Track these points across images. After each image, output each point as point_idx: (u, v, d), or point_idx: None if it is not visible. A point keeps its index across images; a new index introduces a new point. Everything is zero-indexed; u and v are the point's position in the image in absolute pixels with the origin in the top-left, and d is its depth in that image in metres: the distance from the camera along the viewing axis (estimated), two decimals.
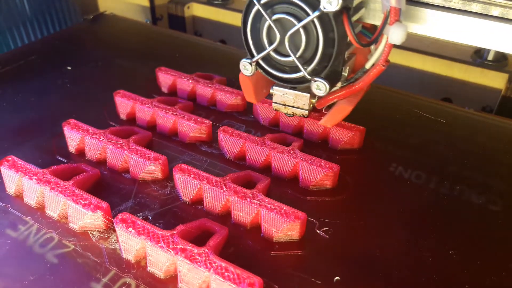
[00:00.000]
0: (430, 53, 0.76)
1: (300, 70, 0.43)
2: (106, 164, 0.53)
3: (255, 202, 0.45)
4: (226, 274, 0.38)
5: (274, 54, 0.43)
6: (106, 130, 0.54)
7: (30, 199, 0.48)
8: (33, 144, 0.56)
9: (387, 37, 0.41)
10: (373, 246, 0.44)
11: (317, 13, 0.39)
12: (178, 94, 0.65)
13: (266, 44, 0.43)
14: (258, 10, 0.42)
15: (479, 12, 0.40)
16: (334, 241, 0.44)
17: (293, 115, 0.47)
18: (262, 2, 0.41)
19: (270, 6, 0.41)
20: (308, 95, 0.45)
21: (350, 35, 0.40)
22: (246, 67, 0.45)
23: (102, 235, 0.44)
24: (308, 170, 0.49)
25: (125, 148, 0.51)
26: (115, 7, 0.99)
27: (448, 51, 0.77)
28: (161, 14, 1.00)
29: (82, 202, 0.44)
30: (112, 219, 0.44)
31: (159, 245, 0.40)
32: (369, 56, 0.45)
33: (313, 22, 0.40)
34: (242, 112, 0.62)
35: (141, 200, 0.48)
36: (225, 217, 0.47)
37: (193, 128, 0.56)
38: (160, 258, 0.40)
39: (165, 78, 0.66)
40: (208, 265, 0.39)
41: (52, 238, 0.44)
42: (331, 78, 0.43)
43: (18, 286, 0.40)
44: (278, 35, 0.42)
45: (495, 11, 0.39)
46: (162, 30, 0.90)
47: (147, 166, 0.50)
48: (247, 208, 0.45)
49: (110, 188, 0.50)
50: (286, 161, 0.50)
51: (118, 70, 0.73)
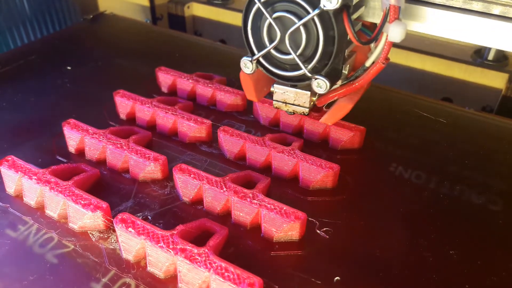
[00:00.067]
0: (430, 53, 0.76)
1: (300, 68, 0.43)
2: (106, 164, 0.53)
3: (255, 202, 0.44)
4: (226, 274, 0.38)
5: (274, 52, 0.44)
6: (106, 130, 0.54)
7: (30, 199, 0.48)
8: (32, 144, 0.56)
9: (387, 35, 0.41)
10: (373, 246, 0.44)
11: (317, 11, 0.39)
12: (178, 94, 0.65)
13: (267, 42, 0.43)
14: (259, 9, 0.42)
15: (480, 10, 0.40)
16: (334, 241, 0.44)
17: (293, 113, 0.47)
18: (263, 0, 0.41)
19: (270, 4, 0.41)
20: (308, 93, 0.45)
21: (350, 33, 0.40)
22: (246, 65, 0.45)
23: (102, 235, 0.44)
24: (308, 170, 0.49)
25: (125, 148, 0.51)
26: (115, 7, 0.99)
27: (448, 51, 0.77)
28: (161, 14, 1.00)
29: (82, 202, 0.44)
30: (111, 219, 0.44)
31: (159, 245, 0.40)
32: (369, 54, 0.45)
33: (313, 20, 0.40)
34: (242, 112, 0.62)
35: (141, 200, 0.48)
36: (225, 217, 0.47)
37: (193, 128, 0.56)
38: (160, 258, 0.40)
39: (165, 78, 0.66)
40: (208, 265, 0.39)
41: (51, 238, 0.44)
42: (332, 76, 0.43)
43: (17, 286, 0.40)
44: (279, 33, 0.42)
45: (496, 10, 0.39)
46: (162, 30, 0.90)
47: (147, 166, 0.50)
48: (247, 208, 0.45)
49: (110, 188, 0.50)
50: (286, 161, 0.50)
51: (118, 70, 0.73)
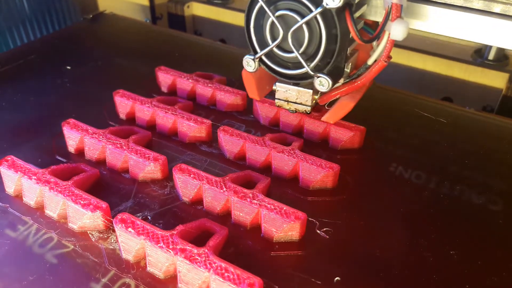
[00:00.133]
0: (430, 52, 0.76)
1: (303, 66, 0.43)
2: (106, 164, 0.53)
3: (255, 202, 0.44)
4: (226, 274, 0.38)
5: (277, 50, 0.44)
6: (106, 129, 0.54)
7: (30, 199, 0.48)
8: (32, 144, 0.56)
9: (389, 33, 0.41)
10: (373, 246, 0.44)
11: (320, 9, 0.39)
12: (177, 93, 0.65)
13: (269, 40, 0.43)
14: (261, 7, 0.42)
15: (481, 9, 0.40)
16: (334, 241, 0.44)
17: (295, 111, 0.47)
18: None
19: (273, 3, 0.41)
20: (311, 91, 0.45)
21: (353, 32, 0.40)
22: (249, 64, 0.45)
23: (101, 235, 0.44)
24: (308, 170, 0.49)
25: (124, 148, 0.51)
26: (115, 6, 0.99)
27: (448, 51, 0.77)
28: (161, 13, 1.00)
29: (82, 202, 0.44)
30: (111, 219, 0.44)
31: (159, 245, 0.40)
32: (371, 52, 0.45)
33: (316, 18, 0.40)
34: (242, 111, 0.62)
35: (140, 200, 0.48)
36: (225, 217, 0.47)
37: (193, 128, 0.56)
38: (159, 258, 0.40)
39: (164, 77, 0.66)
40: (208, 265, 0.39)
41: (51, 238, 0.44)
42: (334, 74, 0.43)
43: (17, 286, 0.40)
44: (281, 32, 0.42)
45: (497, 8, 0.39)
46: (162, 30, 0.90)
47: (147, 166, 0.50)
48: (247, 208, 0.45)
49: (110, 188, 0.50)
50: (286, 161, 0.50)
51: (118, 69, 0.73)
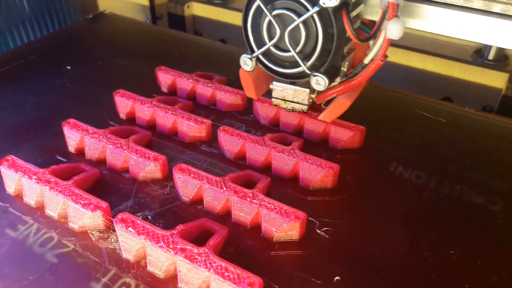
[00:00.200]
0: (430, 52, 0.76)
1: (299, 65, 0.43)
2: (106, 163, 0.53)
3: (255, 202, 0.44)
4: (226, 274, 0.38)
5: (274, 49, 0.44)
6: (106, 129, 0.54)
7: (30, 199, 0.48)
8: (32, 143, 0.56)
9: (385, 32, 0.41)
10: (373, 246, 0.44)
11: (316, 8, 0.39)
12: (178, 93, 0.65)
13: (266, 39, 0.43)
14: (259, 6, 0.42)
15: (481, 8, 0.40)
16: (334, 241, 0.44)
17: (292, 110, 0.47)
18: None
19: (270, 2, 0.42)
20: (307, 90, 0.46)
21: (349, 31, 0.40)
22: (246, 62, 0.45)
23: (101, 235, 0.44)
24: (308, 169, 0.49)
25: (124, 147, 0.51)
26: (115, 6, 0.99)
27: (448, 51, 0.77)
28: (161, 13, 1.00)
29: (82, 201, 0.44)
30: (111, 219, 0.44)
31: (159, 245, 0.40)
32: (368, 51, 0.45)
33: (312, 17, 0.40)
34: (242, 111, 0.62)
35: (141, 199, 0.48)
36: (225, 217, 0.47)
37: (193, 127, 0.56)
38: (160, 258, 0.40)
39: (165, 77, 0.66)
40: (208, 265, 0.39)
41: (51, 238, 0.44)
42: (330, 73, 0.43)
43: (17, 286, 0.40)
44: (278, 31, 0.42)
45: (497, 8, 0.39)
46: (162, 30, 0.90)
47: (147, 166, 0.50)
48: (247, 208, 0.45)
49: (110, 187, 0.50)
50: (286, 160, 0.50)
51: (118, 69, 0.73)
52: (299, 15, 0.40)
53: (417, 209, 0.48)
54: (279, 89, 0.46)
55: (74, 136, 0.54)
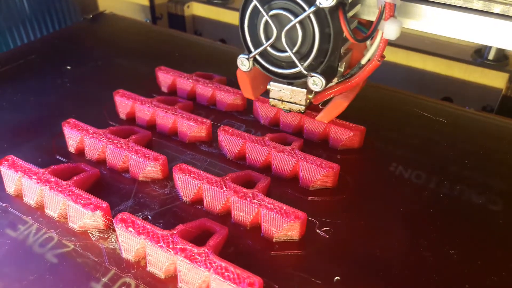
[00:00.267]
0: (430, 52, 0.76)
1: (296, 66, 0.43)
2: (106, 163, 0.53)
3: (255, 201, 0.44)
4: (226, 274, 0.38)
5: (271, 50, 0.44)
6: (106, 129, 0.54)
7: (30, 199, 0.48)
8: (32, 143, 0.56)
9: (382, 32, 0.41)
10: (373, 246, 0.44)
11: (313, 8, 0.39)
12: (178, 93, 0.65)
13: (263, 39, 0.43)
14: (255, 6, 0.42)
15: (481, 9, 0.40)
16: (334, 241, 0.44)
17: (289, 111, 0.47)
18: None
19: (267, 2, 0.42)
20: (304, 91, 0.46)
21: (346, 31, 0.40)
22: (243, 63, 0.45)
23: (101, 235, 0.44)
24: (308, 169, 0.49)
25: (124, 147, 0.51)
26: (115, 6, 0.99)
27: (448, 51, 0.77)
28: (161, 13, 1.00)
29: (82, 201, 0.44)
30: (111, 219, 0.44)
31: (159, 245, 0.40)
32: (365, 51, 0.45)
33: (309, 17, 0.40)
34: (242, 111, 0.62)
35: (141, 199, 0.48)
36: (225, 217, 0.47)
37: (193, 127, 0.56)
38: (160, 258, 0.40)
39: (164, 77, 0.66)
40: (208, 265, 0.39)
41: (51, 238, 0.44)
42: (327, 74, 0.43)
43: (17, 286, 0.40)
44: (275, 31, 0.42)
45: (497, 8, 0.39)
46: (162, 30, 0.90)
47: (147, 166, 0.50)
48: (247, 207, 0.45)
49: (110, 187, 0.50)
50: (286, 160, 0.50)
51: (118, 69, 0.73)
52: (296, 15, 0.40)
53: (417, 209, 0.48)
54: (277, 89, 0.46)
55: (74, 136, 0.54)
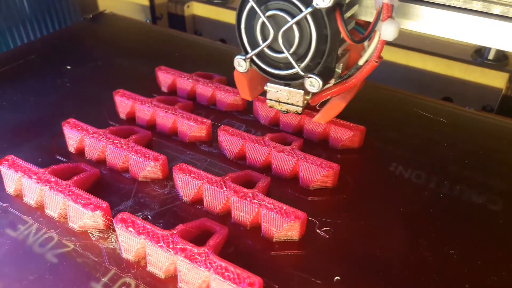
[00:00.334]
0: (430, 52, 0.76)
1: (293, 67, 0.43)
2: (106, 163, 0.53)
3: (255, 201, 0.44)
4: (226, 273, 0.38)
5: (268, 51, 0.44)
6: (106, 129, 0.54)
7: (30, 199, 0.48)
8: (32, 143, 0.56)
9: (380, 33, 0.41)
10: (373, 246, 0.44)
11: (310, 9, 0.39)
12: (178, 93, 0.65)
13: (260, 40, 0.43)
14: (252, 7, 0.42)
15: (480, 10, 0.39)
16: (334, 241, 0.44)
17: (287, 112, 0.47)
18: None
19: (264, 3, 0.41)
20: (302, 92, 0.45)
21: (343, 32, 0.40)
22: (240, 64, 0.45)
23: (101, 235, 0.44)
24: (308, 169, 0.49)
25: (124, 147, 0.51)
26: (115, 6, 0.99)
27: (448, 51, 0.77)
28: (161, 13, 1.00)
29: (82, 201, 0.44)
30: (111, 219, 0.44)
31: (159, 244, 0.40)
32: (362, 52, 0.45)
33: (306, 18, 0.40)
34: (242, 111, 0.62)
35: (140, 199, 0.48)
36: (225, 216, 0.47)
37: (193, 127, 0.56)
38: (160, 258, 0.40)
39: (164, 77, 0.66)
40: (208, 264, 0.39)
41: (51, 238, 0.44)
42: (324, 75, 0.43)
43: (17, 286, 0.40)
44: (272, 32, 0.42)
45: (496, 9, 0.39)
46: (162, 29, 0.90)
47: (147, 166, 0.50)
48: (247, 207, 0.45)
49: (110, 187, 0.50)
50: (286, 160, 0.50)
51: (118, 69, 0.73)
52: (293, 16, 0.40)
53: (417, 209, 0.48)
54: (274, 90, 0.46)
55: (74, 136, 0.54)
